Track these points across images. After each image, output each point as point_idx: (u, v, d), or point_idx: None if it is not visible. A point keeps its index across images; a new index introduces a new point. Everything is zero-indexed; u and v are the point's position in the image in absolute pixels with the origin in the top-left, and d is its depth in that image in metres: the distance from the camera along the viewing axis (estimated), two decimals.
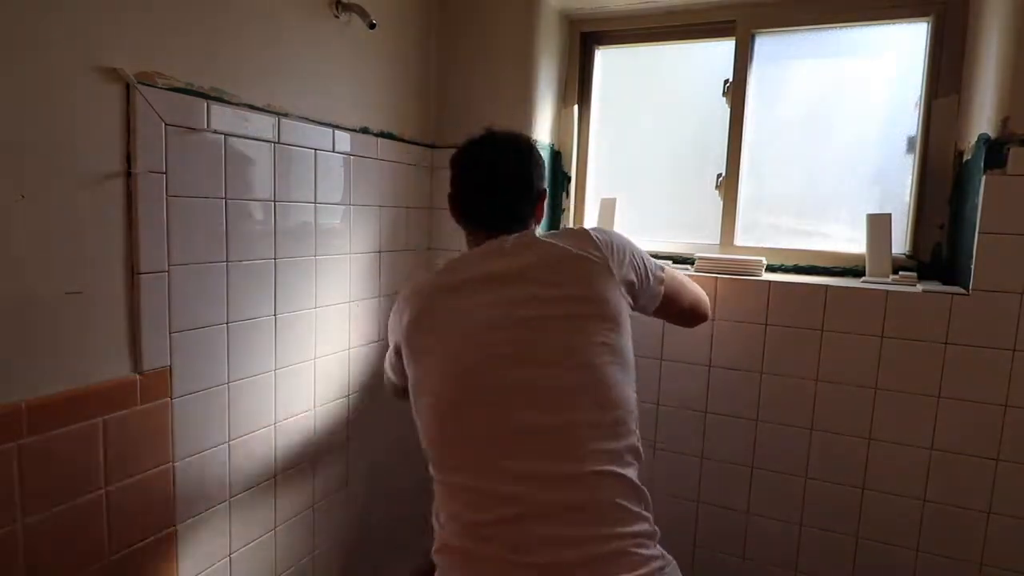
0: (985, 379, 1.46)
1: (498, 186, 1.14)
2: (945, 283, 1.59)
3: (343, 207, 1.68)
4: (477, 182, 1.15)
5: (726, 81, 1.86)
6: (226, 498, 1.41)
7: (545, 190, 1.19)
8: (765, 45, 1.84)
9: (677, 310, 1.35)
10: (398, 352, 1.13)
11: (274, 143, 1.45)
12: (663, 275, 1.25)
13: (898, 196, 1.74)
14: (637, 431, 1.04)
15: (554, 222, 2.09)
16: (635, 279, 1.13)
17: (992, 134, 1.42)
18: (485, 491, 0.93)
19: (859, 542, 1.62)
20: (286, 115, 1.48)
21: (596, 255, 1.07)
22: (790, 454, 1.66)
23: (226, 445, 1.40)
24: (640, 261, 1.16)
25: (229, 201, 1.35)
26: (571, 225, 2.11)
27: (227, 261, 1.36)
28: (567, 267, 1.05)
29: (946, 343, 1.49)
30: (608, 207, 2.02)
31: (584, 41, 2.06)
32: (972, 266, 1.45)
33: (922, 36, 1.68)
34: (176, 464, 1.28)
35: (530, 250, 1.07)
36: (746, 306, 1.68)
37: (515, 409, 0.95)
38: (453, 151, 1.20)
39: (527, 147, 1.18)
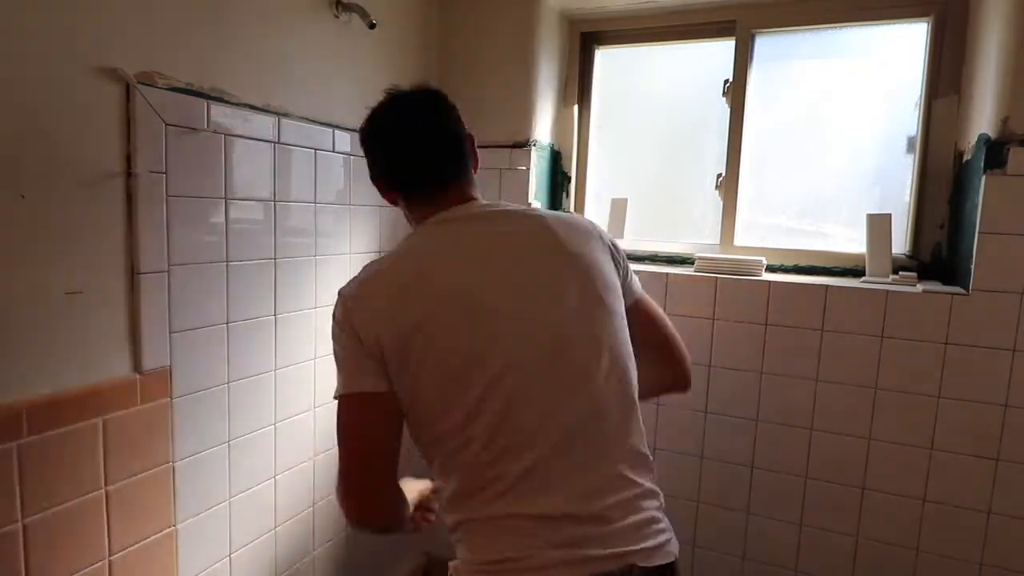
0: (985, 379, 1.46)
1: (434, 133, 0.98)
2: (945, 283, 1.59)
3: (343, 207, 1.68)
4: (409, 137, 0.98)
5: (726, 81, 1.86)
6: (226, 498, 1.41)
7: (471, 134, 1.03)
8: (765, 45, 1.84)
9: (656, 338, 1.10)
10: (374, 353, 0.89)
11: (274, 143, 1.45)
12: (639, 286, 1.10)
13: (898, 196, 1.74)
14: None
15: None
16: (620, 272, 1.03)
17: (992, 134, 1.42)
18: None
19: (859, 542, 1.62)
20: (286, 115, 1.48)
21: (596, 230, 1.01)
22: (790, 454, 1.66)
23: (226, 445, 1.40)
24: (623, 257, 1.06)
25: (229, 201, 1.35)
26: None
27: (227, 261, 1.36)
28: (576, 231, 0.97)
29: (946, 343, 1.49)
30: (619, 207, 2.02)
31: (584, 41, 2.06)
32: (972, 266, 1.45)
33: (922, 36, 1.68)
34: (176, 464, 1.28)
35: (524, 218, 0.96)
36: (746, 306, 1.68)
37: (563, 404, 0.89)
38: (362, 130, 1.02)
39: (439, 95, 1.01)
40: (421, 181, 0.99)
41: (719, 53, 1.88)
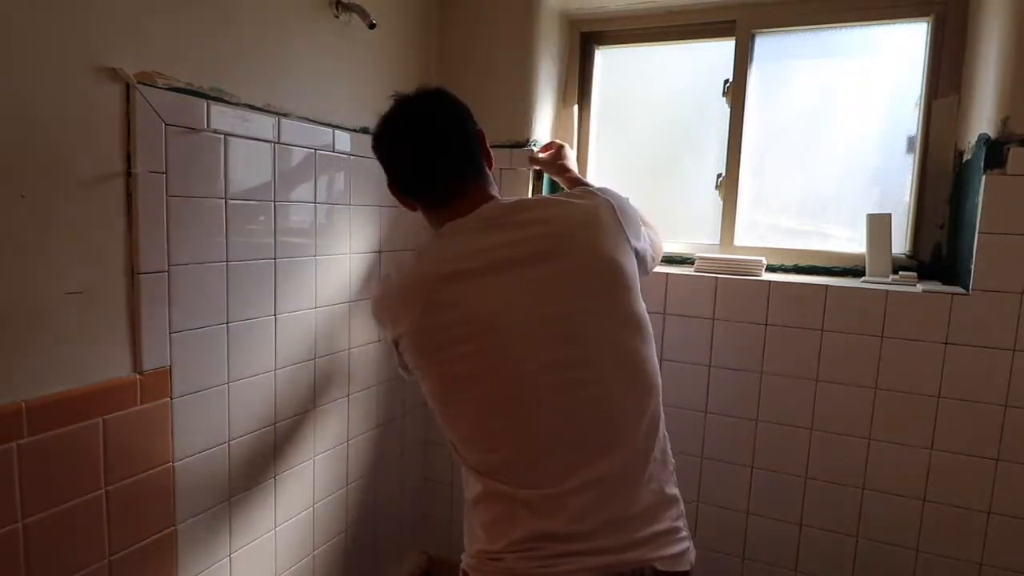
0: (985, 379, 1.46)
1: (441, 137, 1.01)
2: (945, 283, 1.59)
3: (343, 207, 1.68)
4: (415, 144, 1.01)
5: (726, 81, 1.86)
6: (226, 498, 1.41)
7: (482, 130, 1.06)
8: (765, 45, 1.84)
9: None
10: (397, 347, 1.01)
11: (274, 143, 1.45)
12: (652, 241, 1.15)
13: (898, 196, 1.74)
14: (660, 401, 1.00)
15: None
16: (640, 247, 1.04)
17: (992, 134, 1.42)
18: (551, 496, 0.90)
19: (859, 542, 1.62)
20: (286, 115, 1.48)
21: (608, 218, 0.99)
22: (790, 454, 1.66)
23: (226, 445, 1.40)
24: (645, 232, 1.09)
25: (229, 201, 1.35)
26: None
27: (227, 261, 1.36)
28: (581, 235, 0.96)
29: (946, 343, 1.49)
30: None
31: (584, 41, 2.06)
32: (972, 266, 1.45)
33: (922, 36, 1.68)
34: (176, 464, 1.28)
35: (531, 222, 0.96)
36: (746, 306, 1.68)
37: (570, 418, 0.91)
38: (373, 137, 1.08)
39: (445, 95, 1.04)
40: (431, 187, 1.03)
41: (719, 53, 1.88)
